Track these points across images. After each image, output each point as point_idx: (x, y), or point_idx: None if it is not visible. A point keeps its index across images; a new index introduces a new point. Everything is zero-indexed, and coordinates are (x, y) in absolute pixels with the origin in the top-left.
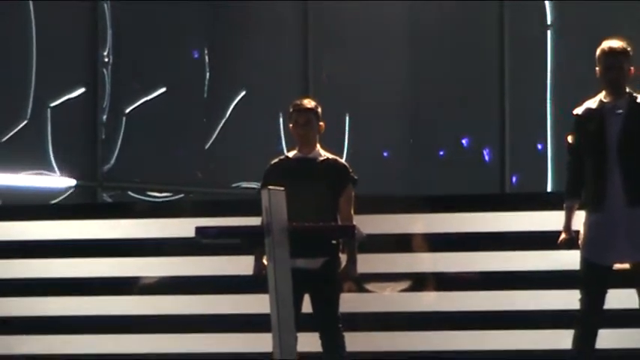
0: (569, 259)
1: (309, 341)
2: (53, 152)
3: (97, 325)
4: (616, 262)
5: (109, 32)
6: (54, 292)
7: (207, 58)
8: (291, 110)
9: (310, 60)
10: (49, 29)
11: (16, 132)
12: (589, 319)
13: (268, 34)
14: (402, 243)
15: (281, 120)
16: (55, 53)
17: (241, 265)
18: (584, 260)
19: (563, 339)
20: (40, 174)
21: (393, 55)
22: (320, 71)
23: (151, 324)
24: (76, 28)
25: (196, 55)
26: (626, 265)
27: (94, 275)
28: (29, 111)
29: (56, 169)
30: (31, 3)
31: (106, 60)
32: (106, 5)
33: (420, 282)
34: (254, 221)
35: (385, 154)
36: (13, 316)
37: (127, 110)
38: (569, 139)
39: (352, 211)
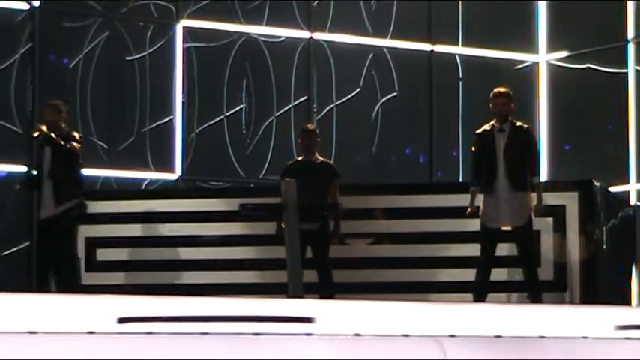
0: (473, 224)
1: (309, 275)
2: (150, 157)
3: (172, 264)
4: (503, 226)
5: (185, 85)
6: (148, 244)
7: (245, 98)
8: (300, 131)
9: (311, 102)
10: (149, 82)
11: (127, 144)
12: (485, 262)
13: (281, 89)
14: (369, 214)
15: (292, 137)
16: (152, 96)
17: (267, 227)
18: (482, 224)
19: (469, 274)
20: (142, 170)
21: (366, 99)
22: (318, 108)
23: (208, 265)
24: (164, 80)
25: (239, 98)
26: (509, 228)
27: (173, 234)
28: (135, 131)
29: (152, 167)
30: (137, 64)
31: (183, 100)
32: (184, 67)
33: (379, 238)
34: (276, 200)
35: (358, 159)
36: (123, 260)
37: (197, 130)
38: (473, 149)
39: (337, 194)
